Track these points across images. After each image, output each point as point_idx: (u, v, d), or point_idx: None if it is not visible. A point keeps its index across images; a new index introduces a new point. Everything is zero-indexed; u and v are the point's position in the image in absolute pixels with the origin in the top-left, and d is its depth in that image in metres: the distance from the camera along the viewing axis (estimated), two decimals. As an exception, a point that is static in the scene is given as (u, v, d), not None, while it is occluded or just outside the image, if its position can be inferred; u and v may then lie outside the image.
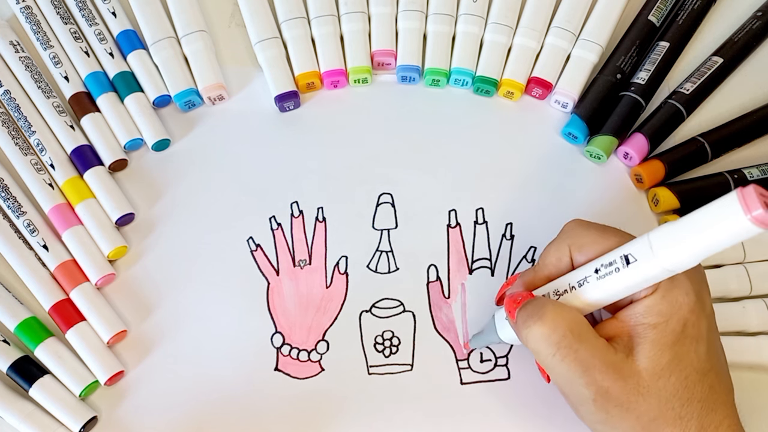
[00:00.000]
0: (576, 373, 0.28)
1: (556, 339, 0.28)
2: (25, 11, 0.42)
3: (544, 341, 0.28)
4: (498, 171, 0.41)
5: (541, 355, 0.29)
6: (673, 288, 0.28)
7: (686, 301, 0.28)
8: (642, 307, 0.28)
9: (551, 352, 0.28)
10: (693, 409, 0.27)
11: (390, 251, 0.39)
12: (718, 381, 0.28)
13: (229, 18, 0.45)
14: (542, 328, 0.28)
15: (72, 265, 0.37)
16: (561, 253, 0.31)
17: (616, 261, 0.27)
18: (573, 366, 0.28)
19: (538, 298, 0.30)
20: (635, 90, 0.41)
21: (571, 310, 0.29)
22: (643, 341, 0.28)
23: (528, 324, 0.29)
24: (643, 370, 0.27)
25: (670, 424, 0.27)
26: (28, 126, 0.40)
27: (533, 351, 0.29)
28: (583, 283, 0.29)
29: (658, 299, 0.28)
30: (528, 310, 0.29)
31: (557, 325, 0.28)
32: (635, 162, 0.40)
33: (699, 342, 0.28)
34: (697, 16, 0.44)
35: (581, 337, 0.28)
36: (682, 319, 0.27)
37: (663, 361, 0.27)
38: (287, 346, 0.37)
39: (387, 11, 0.43)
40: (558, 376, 0.29)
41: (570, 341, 0.28)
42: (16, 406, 0.34)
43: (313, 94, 0.43)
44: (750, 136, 0.41)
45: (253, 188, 0.40)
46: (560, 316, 0.28)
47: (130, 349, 0.37)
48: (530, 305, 0.29)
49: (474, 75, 0.42)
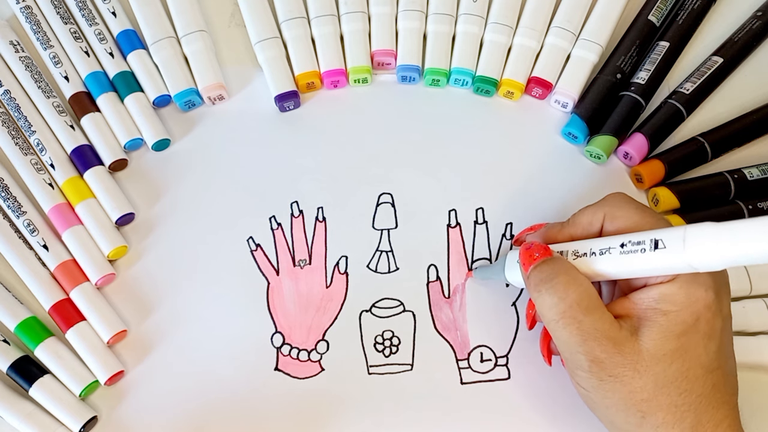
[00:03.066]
0: (576, 340, 0.28)
1: (563, 308, 0.28)
2: (25, 11, 0.42)
3: (551, 308, 0.29)
4: (498, 171, 0.41)
5: (545, 317, 0.29)
6: (693, 281, 0.28)
7: (704, 296, 0.28)
8: (657, 292, 0.28)
9: (555, 318, 0.29)
10: (691, 401, 0.27)
11: (390, 251, 0.39)
12: (724, 381, 0.28)
13: (229, 18, 0.45)
14: (552, 297, 0.29)
15: (72, 265, 0.37)
16: (594, 218, 0.31)
17: (644, 242, 0.27)
18: (574, 334, 0.28)
19: (554, 260, 0.30)
20: (635, 90, 0.41)
21: (582, 282, 0.29)
22: (651, 325, 0.28)
23: (539, 288, 0.29)
24: (645, 350, 0.28)
25: (664, 410, 0.28)
26: (28, 126, 0.40)
27: (538, 311, 0.30)
28: (605, 252, 0.29)
29: (676, 289, 0.28)
30: (542, 273, 0.29)
31: (567, 295, 0.28)
32: (635, 162, 0.40)
33: (710, 339, 0.28)
34: (697, 16, 0.44)
35: (588, 310, 0.28)
36: (695, 312, 0.27)
37: (666, 348, 0.27)
38: (287, 345, 0.37)
39: (387, 11, 0.43)
40: (558, 339, 0.29)
41: (576, 312, 0.28)
42: (16, 406, 0.34)
43: (313, 94, 0.43)
44: (750, 136, 0.41)
45: (253, 188, 0.40)
46: (571, 287, 0.29)
47: (130, 349, 0.37)
48: (545, 266, 0.30)
49: (474, 75, 0.42)
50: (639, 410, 0.28)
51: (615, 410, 0.29)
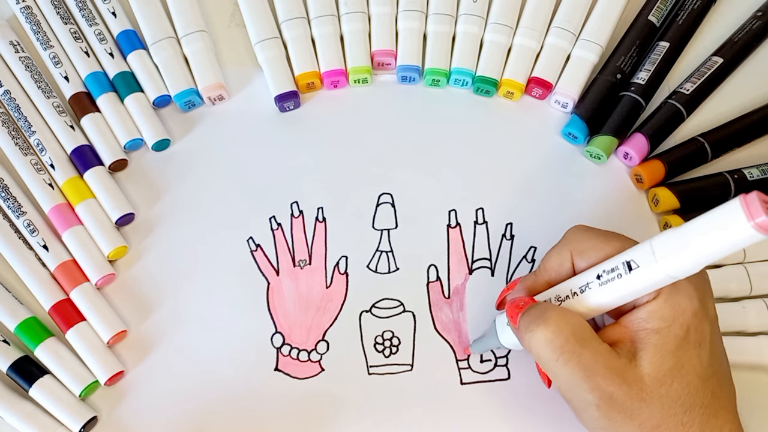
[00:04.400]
0: (579, 377, 0.27)
1: (560, 343, 0.28)
2: (25, 11, 0.42)
3: (547, 346, 0.28)
4: (498, 171, 0.41)
5: (543, 360, 0.28)
6: (675, 293, 0.28)
7: (689, 305, 0.27)
8: (644, 312, 0.28)
9: (554, 357, 0.28)
10: (695, 416, 0.27)
11: (390, 251, 0.39)
12: (720, 386, 0.28)
13: (229, 18, 0.45)
14: (545, 332, 0.28)
15: (72, 265, 0.37)
16: (562, 258, 0.31)
17: (618, 267, 0.27)
18: (576, 371, 0.27)
19: (541, 303, 0.30)
20: (635, 90, 0.41)
21: (574, 315, 0.28)
22: (645, 346, 0.28)
23: (531, 329, 0.28)
24: (646, 375, 0.27)
25: (672, 430, 0.27)
26: (28, 126, 0.40)
27: (536, 356, 0.29)
28: (585, 289, 0.29)
29: (661, 304, 0.27)
30: (531, 315, 0.29)
31: (561, 329, 0.28)
32: (635, 162, 0.40)
33: (702, 347, 0.28)
34: (697, 16, 0.44)
35: (584, 342, 0.28)
36: (684, 323, 0.27)
37: (665, 367, 0.27)
38: (287, 346, 0.37)
39: (387, 11, 0.43)
40: (561, 381, 0.29)
41: (573, 345, 0.27)
42: (16, 406, 0.34)
43: (313, 94, 0.43)
44: (750, 136, 0.41)
45: (253, 188, 0.40)
46: (564, 320, 0.28)
47: (130, 349, 0.37)
48: (533, 310, 0.29)
49: (474, 75, 0.42)
50: None
51: None
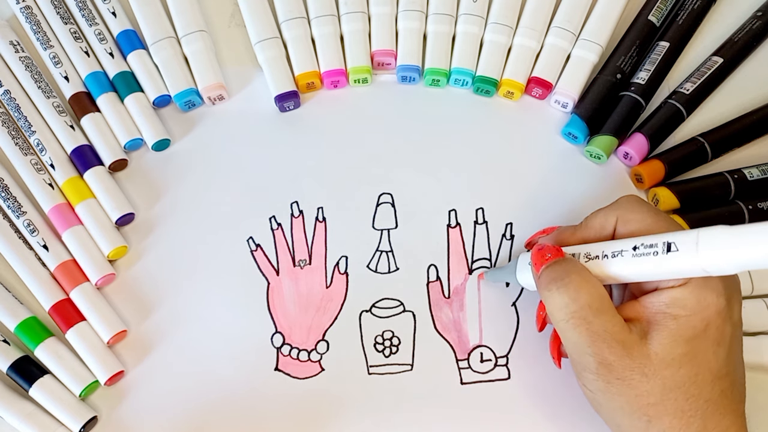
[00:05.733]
0: (585, 341, 0.28)
1: (574, 308, 0.28)
2: (25, 11, 0.42)
3: (561, 308, 0.29)
4: (498, 171, 0.41)
5: (555, 317, 0.29)
6: (705, 286, 0.27)
7: (715, 302, 0.27)
8: (667, 296, 0.28)
9: (566, 318, 0.28)
10: (698, 407, 0.27)
11: (390, 251, 0.39)
12: (732, 388, 0.28)
13: (229, 18, 0.45)
14: (563, 297, 0.28)
15: (72, 265, 0.37)
16: (607, 221, 0.31)
17: (657, 245, 0.27)
18: (584, 335, 0.28)
19: (566, 260, 0.30)
20: (635, 90, 0.41)
21: (594, 284, 0.29)
22: (660, 329, 0.28)
23: (550, 287, 0.29)
24: (653, 354, 0.27)
25: (671, 414, 0.27)
26: (28, 126, 0.40)
27: (548, 311, 0.30)
28: (617, 255, 0.28)
29: (687, 293, 0.27)
30: (554, 272, 0.29)
31: (578, 296, 0.28)
32: (635, 162, 0.40)
33: (720, 345, 0.28)
34: (697, 16, 0.44)
35: (599, 312, 0.28)
36: (706, 318, 0.27)
37: (676, 352, 0.27)
38: (287, 346, 0.37)
39: (387, 11, 0.43)
40: (567, 340, 0.29)
41: (586, 313, 0.28)
42: (16, 406, 0.34)
43: (313, 94, 0.43)
44: (750, 136, 0.41)
45: (253, 188, 0.40)
46: (583, 288, 0.28)
47: (130, 349, 0.37)
48: (557, 266, 0.29)
49: (474, 75, 0.42)
50: (645, 414, 0.28)
51: (621, 413, 0.29)
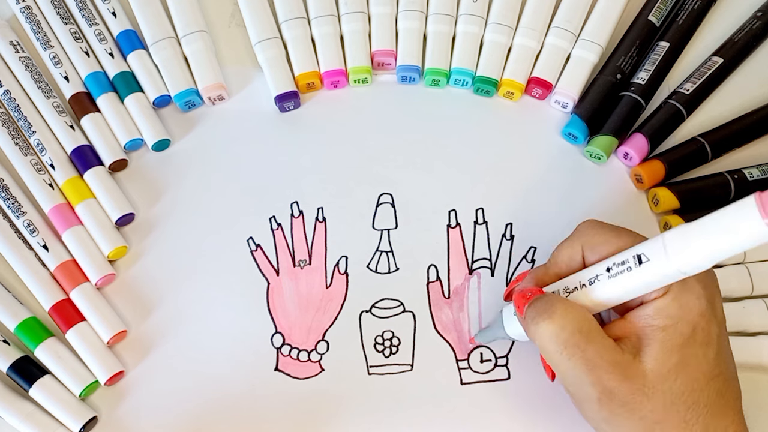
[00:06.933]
0: (582, 371, 0.28)
1: (565, 337, 0.28)
2: (25, 11, 0.42)
3: (552, 339, 0.28)
4: (498, 171, 0.41)
5: (548, 353, 0.29)
6: (684, 291, 0.28)
7: (697, 305, 0.27)
8: (652, 308, 0.28)
9: (559, 350, 0.28)
10: (698, 414, 0.27)
11: (390, 251, 0.39)
12: (726, 387, 0.28)
13: (229, 18, 0.45)
14: (551, 326, 0.28)
15: (72, 265, 0.37)
16: (573, 252, 0.31)
17: (628, 260, 0.27)
18: (580, 365, 0.28)
19: (548, 295, 0.30)
20: (635, 90, 0.41)
21: (580, 309, 0.28)
22: (651, 342, 0.28)
23: (537, 321, 0.29)
24: (650, 371, 0.27)
25: (675, 427, 0.27)
26: (28, 126, 0.40)
27: (540, 348, 0.29)
28: (594, 281, 0.29)
29: (669, 301, 0.28)
30: (537, 307, 0.29)
31: (566, 323, 0.28)
32: (635, 162, 0.40)
33: (708, 347, 0.28)
34: (697, 16, 0.44)
35: (589, 337, 0.28)
36: (691, 322, 0.27)
37: (670, 364, 0.27)
38: (287, 346, 0.37)
39: (387, 11, 0.43)
40: (564, 374, 0.29)
41: (578, 340, 0.28)
42: (16, 406, 0.34)
43: (313, 94, 0.43)
44: (750, 136, 0.41)
45: (253, 188, 0.40)
46: (570, 314, 0.28)
47: (130, 349, 0.37)
48: (540, 302, 0.29)
49: (474, 75, 0.42)
50: None
51: None
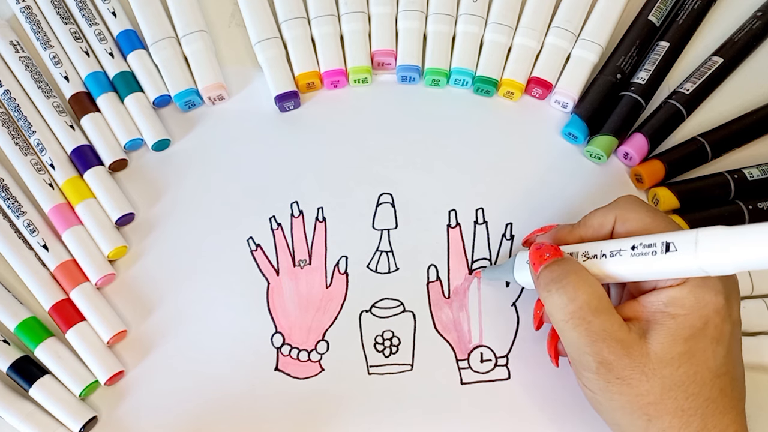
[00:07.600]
0: (584, 341, 0.28)
1: (573, 309, 0.28)
2: (25, 11, 0.42)
3: (560, 308, 0.29)
4: (498, 171, 0.41)
5: (554, 318, 0.29)
6: (703, 285, 0.28)
7: (714, 301, 0.27)
8: (666, 296, 0.28)
9: (565, 318, 0.29)
10: (697, 405, 0.27)
11: (390, 251, 0.39)
12: (731, 387, 0.28)
13: (229, 18, 0.45)
14: (561, 297, 0.29)
15: (72, 265, 0.37)
16: (606, 220, 0.31)
17: (656, 244, 0.27)
18: (583, 335, 0.28)
19: (565, 260, 0.30)
20: (635, 90, 0.41)
21: (593, 283, 0.29)
22: (659, 328, 0.28)
23: (549, 288, 0.29)
24: (653, 353, 0.27)
25: (671, 413, 0.28)
26: (28, 126, 0.40)
27: (547, 311, 0.30)
28: (615, 254, 0.28)
29: (685, 292, 0.28)
30: (552, 273, 0.29)
31: (577, 296, 0.28)
32: (635, 162, 0.40)
33: (719, 344, 0.28)
34: (697, 16, 0.44)
35: (597, 312, 0.28)
36: (704, 317, 0.27)
37: (674, 351, 0.27)
38: (287, 346, 0.37)
39: (387, 11, 0.43)
40: (566, 339, 0.29)
41: (585, 313, 0.28)
42: (16, 406, 0.34)
43: (313, 94, 0.43)
44: (750, 136, 0.41)
45: (253, 188, 0.40)
46: (581, 287, 0.28)
47: (130, 349, 0.37)
48: (556, 267, 0.29)
49: (474, 75, 0.42)
50: (645, 413, 0.28)
51: (621, 413, 0.29)
